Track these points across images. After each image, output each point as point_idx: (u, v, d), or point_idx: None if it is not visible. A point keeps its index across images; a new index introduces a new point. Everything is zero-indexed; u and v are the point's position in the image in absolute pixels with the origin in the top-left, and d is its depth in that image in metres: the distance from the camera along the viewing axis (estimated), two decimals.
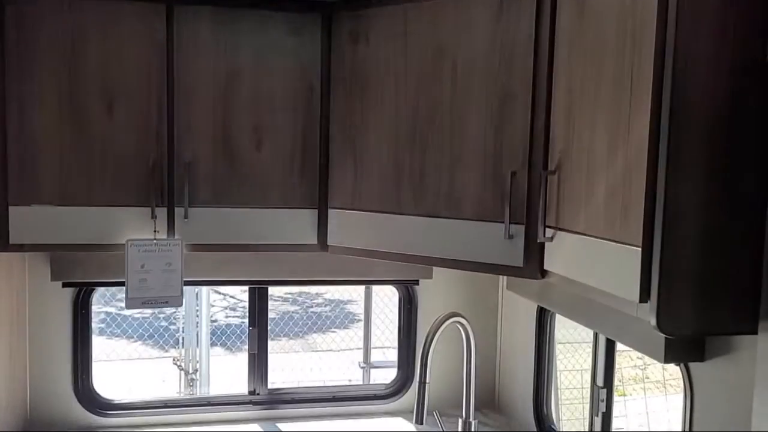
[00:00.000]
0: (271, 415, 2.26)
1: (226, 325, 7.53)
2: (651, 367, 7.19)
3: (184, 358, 5.71)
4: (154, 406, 2.19)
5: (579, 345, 5.35)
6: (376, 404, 2.34)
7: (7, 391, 1.89)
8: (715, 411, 1.33)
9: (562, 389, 5.40)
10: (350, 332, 7.36)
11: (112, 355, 5.91)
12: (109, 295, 6.41)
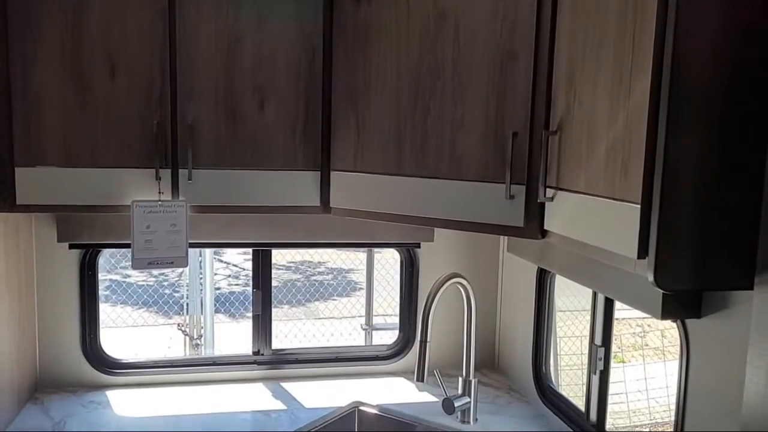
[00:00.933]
0: (274, 375, 2.31)
1: (229, 292, 7.59)
2: (650, 334, 7.27)
3: (188, 323, 5.79)
4: (161, 366, 2.24)
5: (579, 313, 5.41)
6: (377, 365, 2.38)
7: (17, 351, 1.93)
8: (711, 367, 1.36)
9: (561, 355, 5.47)
10: (352, 300, 7.43)
11: (117, 320, 5.98)
12: (114, 261, 6.47)
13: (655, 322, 7.24)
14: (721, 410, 1.31)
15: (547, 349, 2.10)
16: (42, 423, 1.90)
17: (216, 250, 7.57)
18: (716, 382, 1.34)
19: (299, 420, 1.98)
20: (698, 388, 1.39)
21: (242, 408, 2.05)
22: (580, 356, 5.08)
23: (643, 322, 7.30)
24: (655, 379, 5.77)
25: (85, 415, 1.96)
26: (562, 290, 5.16)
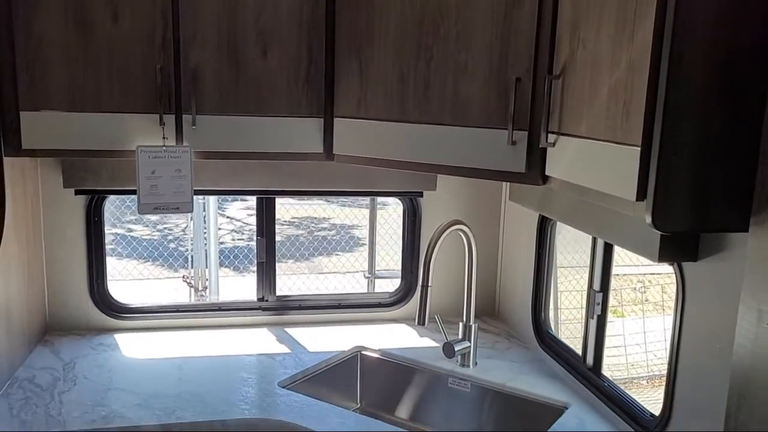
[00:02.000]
0: (279, 321, 2.36)
1: (233, 247, 7.65)
2: (651, 290, 7.34)
3: (193, 276, 5.86)
4: (167, 311, 2.28)
5: (580, 269, 5.46)
6: (379, 312, 2.42)
7: (26, 294, 1.97)
8: (706, 309, 1.38)
9: (562, 309, 5.54)
10: (355, 255, 7.49)
11: (123, 272, 6.05)
12: (119, 213, 6.51)
13: (656, 277, 7.30)
14: (715, 352, 1.35)
15: (546, 296, 2.13)
16: (53, 363, 1.95)
17: (220, 205, 7.61)
18: (711, 324, 1.37)
19: (303, 363, 2.03)
20: (693, 330, 1.42)
21: (247, 351, 2.10)
22: (580, 310, 5.14)
23: (644, 278, 7.36)
24: (654, 333, 5.85)
25: (94, 356, 2.02)
26: (563, 246, 5.21)
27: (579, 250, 4.65)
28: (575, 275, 5.70)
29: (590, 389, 1.81)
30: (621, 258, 6.91)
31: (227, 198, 7.89)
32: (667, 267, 1.56)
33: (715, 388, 1.34)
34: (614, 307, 6.47)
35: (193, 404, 1.73)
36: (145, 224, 7.75)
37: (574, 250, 5.03)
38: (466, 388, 1.99)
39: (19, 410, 1.66)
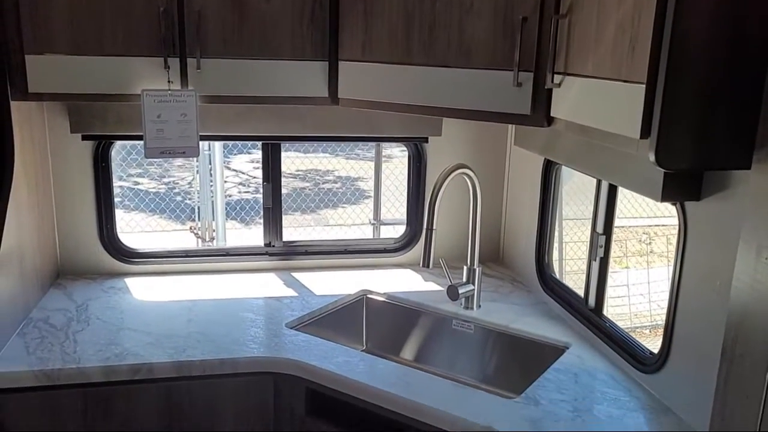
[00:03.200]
0: (286, 266, 2.39)
1: (239, 200, 7.68)
2: (656, 242, 7.36)
3: (200, 227, 5.91)
4: (176, 255, 2.32)
5: (584, 221, 5.47)
6: (385, 257, 2.45)
7: (37, 238, 2.00)
8: (707, 247, 1.40)
9: (566, 260, 5.59)
10: (360, 207, 7.52)
11: (131, 223, 6.10)
12: (125, 165, 6.52)
13: (662, 229, 7.31)
14: (715, 289, 1.37)
15: (550, 240, 2.15)
16: (66, 305, 2.00)
17: (225, 158, 7.59)
18: (711, 262, 1.39)
19: (310, 305, 2.07)
20: (694, 268, 1.44)
21: (255, 294, 2.14)
22: (583, 261, 5.20)
23: (649, 230, 7.38)
24: (658, 283, 5.90)
25: (106, 299, 2.06)
26: (569, 197, 5.22)
27: (586, 200, 4.66)
28: (581, 226, 5.73)
29: (591, 329, 1.84)
30: (627, 209, 6.93)
31: (232, 150, 7.89)
32: (672, 219, 1.58)
33: (713, 324, 1.36)
34: (619, 258, 6.51)
35: (203, 344, 1.78)
36: (151, 177, 7.77)
37: (581, 202, 5.04)
38: (469, 330, 2.03)
39: (35, 348, 1.71)
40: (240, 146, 7.95)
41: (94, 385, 1.65)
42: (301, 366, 1.70)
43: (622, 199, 6.92)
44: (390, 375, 1.65)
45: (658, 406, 1.53)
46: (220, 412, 1.73)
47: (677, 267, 1.48)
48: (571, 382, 1.64)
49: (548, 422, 1.45)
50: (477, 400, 1.54)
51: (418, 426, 1.54)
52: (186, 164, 7.95)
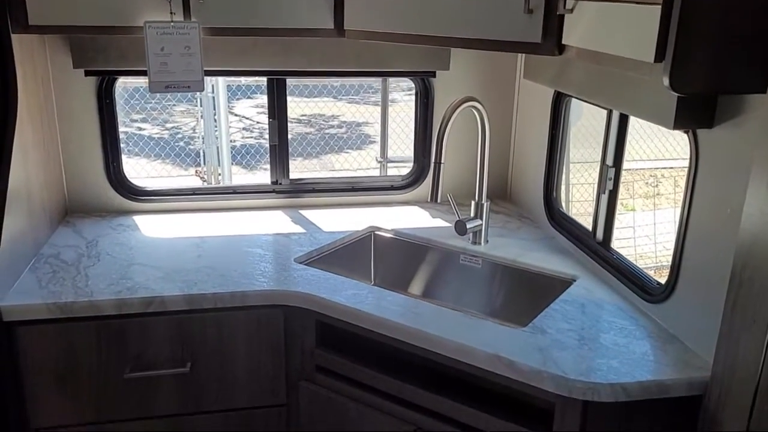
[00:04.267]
0: (293, 204, 2.39)
1: (243, 145, 7.65)
2: (663, 184, 7.33)
3: (206, 171, 5.91)
4: (184, 193, 2.32)
5: (591, 164, 5.45)
6: (392, 194, 2.45)
7: (44, 178, 2.00)
8: (718, 175, 1.39)
9: (573, 202, 5.58)
10: (365, 152, 7.48)
11: (136, 167, 6.10)
12: (129, 108, 6.47)
13: (669, 171, 7.27)
14: (725, 217, 1.36)
15: (558, 175, 2.14)
16: (76, 241, 2.01)
17: (228, 103, 7.52)
18: (722, 190, 1.37)
19: (318, 241, 2.08)
20: (704, 196, 1.43)
21: (263, 231, 2.15)
22: (591, 203, 5.20)
23: (656, 172, 7.35)
24: (664, 225, 5.91)
25: (115, 235, 2.07)
26: (578, 139, 5.18)
27: (594, 143, 4.62)
28: (588, 167, 5.71)
29: (599, 262, 1.85)
30: (636, 152, 6.88)
31: (236, 94, 7.80)
32: (680, 161, 1.57)
33: (722, 252, 1.36)
34: (625, 200, 6.50)
35: (213, 278, 1.79)
36: (155, 123, 7.73)
37: (591, 145, 5.01)
38: (477, 264, 2.04)
39: (48, 282, 1.73)
40: (244, 90, 7.87)
41: (107, 317, 1.67)
42: (311, 299, 1.72)
43: (630, 140, 6.85)
44: (399, 307, 1.67)
45: (664, 334, 1.55)
46: (231, 345, 1.75)
47: (687, 196, 1.47)
48: (578, 312, 1.66)
49: (555, 350, 1.47)
50: (485, 330, 1.56)
51: (426, 356, 1.57)
52: (189, 110, 7.89)
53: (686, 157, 1.48)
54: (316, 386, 1.79)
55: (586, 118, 5.00)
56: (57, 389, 1.69)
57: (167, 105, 7.54)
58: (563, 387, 1.38)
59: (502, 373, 1.45)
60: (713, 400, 1.31)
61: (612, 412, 1.40)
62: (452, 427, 1.58)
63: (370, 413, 1.70)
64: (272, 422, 1.84)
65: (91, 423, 1.74)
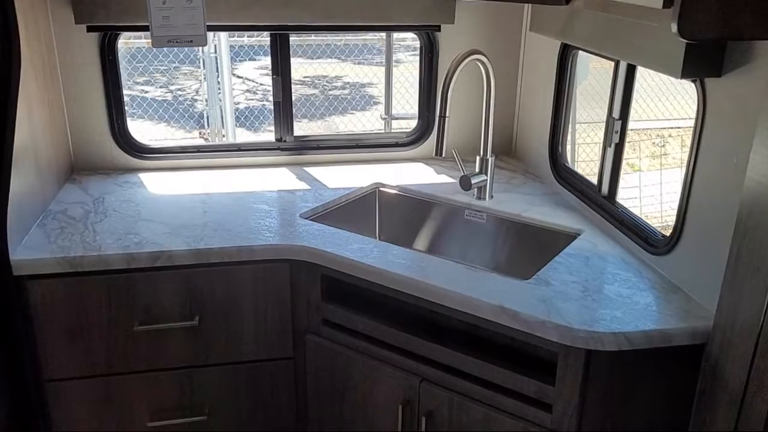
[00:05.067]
0: (297, 161, 2.39)
1: (246, 107, 7.61)
2: (670, 144, 7.28)
3: (210, 132, 5.89)
4: (189, 151, 2.32)
5: (597, 125, 5.40)
6: (397, 151, 2.44)
7: (50, 135, 2.00)
8: (725, 125, 1.38)
9: (578, 162, 5.56)
10: (369, 113, 7.43)
11: (141, 130, 6.08)
12: (132, 69, 6.43)
13: (676, 131, 7.21)
14: (731, 168, 1.36)
15: (564, 130, 2.13)
16: (82, 198, 2.02)
17: (232, 65, 7.45)
18: (729, 140, 1.37)
19: (323, 197, 2.08)
20: (711, 147, 1.42)
21: (268, 188, 2.16)
22: (597, 163, 5.18)
23: (663, 132, 7.29)
24: (670, 184, 5.89)
25: (121, 192, 2.08)
26: (586, 98, 5.13)
27: (602, 102, 4.59)
28: (594, 127, 5.68)
29: (604, 216, 1.85)
30: (644, 110, 6.81)
31: (239, 55, 7.73)
32: (688, 121, 1.55)
33: (727, 202, 1.36)
34: (632, 160, 6.47)
35: (220, 233, 1.80)
36: (158, 86, 7.69)
37: (599, 105, 4.97)
38: (482, 220, 2.04)
39: (56, 237, 1.75)
40: (247, 50, 7.79)
41: (115, 272, 1.69)
42: (316, 253, 1.73)
43: (638, 98, 6.79)
44: (404, 260, 1.68)
45: (668, 285, 1.56)
46: (238, 299, 1.78)
47: (694, 147, 1.46)
48: (582, 265, 1.67)
49: (559, 301, 1.49)
50: (489, 282, 1.58)
51: (431, 308, 1.59)
52: (192, 72, 7.83)
53: (693, 117, 1.47)
54: (323, 339, 1.81)
55: (593, 77, 4.95)
56: (68, 342, 1.72)
57: (170, 67, 7.48)
58: (567, 336, 1.39)
59: (506, 324, 1.47)
60: (715, 348, 1.32)
61: (615, 362, 1.42)
62: (458, 378, 1.61)
63: (376, 365, 1.72)
64: (279, 375, 1.88)
65: (103, 375, 1.78)
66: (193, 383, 1.84)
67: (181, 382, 1.83)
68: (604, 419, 1.47)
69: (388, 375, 1.71)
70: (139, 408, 1.83)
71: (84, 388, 1.78)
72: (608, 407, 1.46)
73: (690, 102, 6.63)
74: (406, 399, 1.69)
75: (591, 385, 1.43)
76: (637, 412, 1.48)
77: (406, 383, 1.68)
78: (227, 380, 1.85)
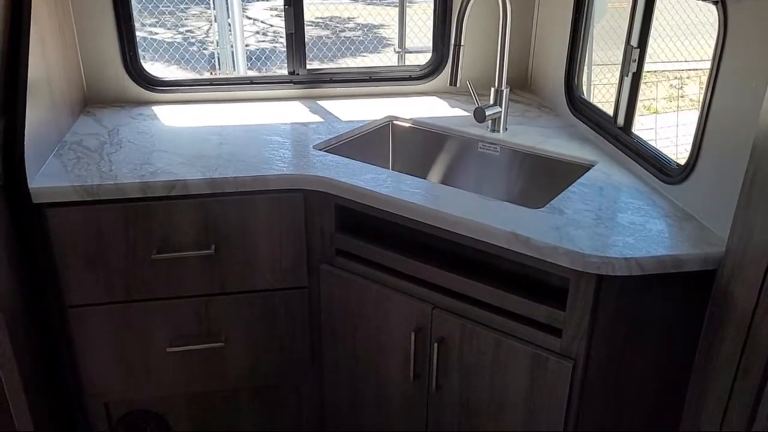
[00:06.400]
0: (310, 94, 2.38)
1: (257, 49, 7.52)
2: (688, 85, 7.15)
3: (221, 74, 5.84)
4: (201, 84, 2.31)
5: (614, 66, 5.30)
6: (411, 85, 2.42)
7: (63, 67, 1.99)
8: (746, 49, 1.35)
9: (594, 103, 5.48)
10: (382, 55, 7.34)
11: (151, 71, 6.04)
12: (140, 7, 6.35)
13: (695, 72, 7.07)
14: (750, 91, 1.34)
15: (581, 62, 2.09)
16: (97, 130, 2.03)
17: (243, 5, 7.32)
18: (749, 63, 1.34)
19: (336, 130, 2.08)
20: (730, 72, 1.40)
21: (281, 120, 2.15)
22: (611, 104, 5.13)
23: (681, 74, 7.15)
24: (687, 126, 5.81)
25: (135, 124, 2.09)
26: (603, 38, 5.02)
27: (619, 42, 4.49)
28: (611, 68, 5.59)
29: (619, 147, 1.84)
30: (662, 50, 6.67)
31: None
32: (707, 63, 1.52)
33: (744, 128, 1.35)
34: (648, 101, 6.37)
35: (234, 163, 1.81)
36: (167, 27, 7.59)
37: (616, 46, 4.87)
38: (495, 152, 2.04)
39: (73, 167, 1.77)
40: None
41: (132, 200, 1.71)
42: (330, 182, 1.74)
43: (657, 38, 6.64)
44: (417, 189, 1.68)
45: (681, 214, 1.56)
46: (254, 229, 1.80)
47: (713, 72, 1.43)
48: (596, 194, 1.67)
49: (571, 228, 1.49)
50: (502, 210, 1.58)
51: (444, 236, 1.60)
52: (202, 13, 7.72)
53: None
54: (336, 269, 1.84)
55: (611, 16, 4.84)
56: (88, 269, 1.76)
57: (179, 5, 7.38)
58: (578, 262, 1.40)
59: (518, 251, 1.48)
60: (726, 273, 1.33)
61: (625, 288, 1.43)
62: (469, 305, 1.63)
63: (389, 293, 1.75)
64: (294, 304, 1.91)
65: (122, 302, 1.82)
66: (210, 311, 1.88)
67: (198, 310, 1.87)
68: (613, 343, 1.49)
69: (400, 303, 1.74)
70: (158, 334, 1.88)
71: (105, 315, 1.83)
72: (617, 332, 1.48)
73: (710, 41, 6.48)
74: (418, 326, 1.72)
75: (601, 311, 1.45)
76: (645, 337, 1.51)
77: (418, 310, 1.71)
78: (243, 308, 1.89)
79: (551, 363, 1.52)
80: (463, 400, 1.72)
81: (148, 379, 1.93)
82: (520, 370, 1.58)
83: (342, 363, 1.94)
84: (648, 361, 1.53)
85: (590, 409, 1.55)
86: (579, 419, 1.55)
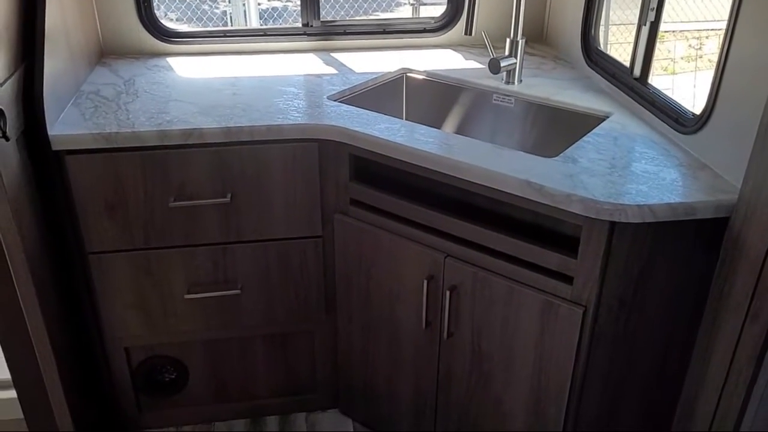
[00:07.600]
0: (324, 46, 2.37)
1: (267, 8, 7.43)
2: (707, 44, 7.02)
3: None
4: (215, 36, 2.31)
5: (632, 26, 5.22)
6: (425, 37, 2.41)
7: (80, 18, 2.00)
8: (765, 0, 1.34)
9: None
10: (394, 14, 7.23)
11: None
12: None
13: (715, 32, 6.93)
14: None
15: (598, 13, 2.07)
16: (113, 80, 2.04)
17: None
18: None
19: (350, 81, 2.08)
20: (750, 20, 1.38)
21: (295, 72, 2.15)
22: (627, 62, 5.06)
23: (700, 33, 7.01)
24: (705, 86, 5.73)
25: (151, 75, 2.10)
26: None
27: (636, 1, 4.42)
28: (627, 27, 5.49)
29: (635, 98, 1.83)
30: (682, 10, 6.54)
31: None
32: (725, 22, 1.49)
33: (761, 77, 1.34)
34: (666, 61, 6.27)
35: (249, 113, 1.82)
36: None
37: (632, 6, 4.79)
38: (510, 104, 2.03)
39: (91, 116, 1.79)
40: None
41: (149, 148, 1.73)
42: (344, 132, 1.75)
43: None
44: (431, 138, 1.69)
45: (696, 163, 1.56)
46: (269, 178, 1.82)
47: (732, 19, 1.42)
48: (610, 144, 1.67)
49: (585, 176, 1.50)
50: (516, 159, 1.59)
51: (457, 185, 1.61)
52: None
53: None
54: (350, 218, 1.86)
55: None
56: (107, 216, 1.79)
57: None
58: (591, 209, 1.41)
59: (531, 198, 1.49)
60: (739, 219, 1.34)
61: (638, 235, 1.44)
62: (482, 253, 1.65)
63: (402, 242, 1.77)
64: (309, 252, 1.94)
65: (140, 249, 1.86)
66: (227, 259, 1.91)
67: (215, 258, 1.91)
68: (624, 290, 1.51)
69: (413, 251, 1.76)
70: (176, 280, 1.92)
71: (124, 261, 1.87)
72: (628, 279, 1.50)
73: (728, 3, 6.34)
74: (430, 274, 1.74)
75: (613, 258, 1.46)
76: (656, 285, 1.52)
77: (431, 259, 1.73)
78: (259, 256, 1.92)
79: (562, 309, 1.55)
80: (475, 347, 1.75)
81: (167, 325, 1.98)
82: (531, 317, 1.61)
83: (355, 311, 1.98)
84: (658, 308, 1.55)
85: (599, 355, 1.57)
86: (588, 365, 1.58)
